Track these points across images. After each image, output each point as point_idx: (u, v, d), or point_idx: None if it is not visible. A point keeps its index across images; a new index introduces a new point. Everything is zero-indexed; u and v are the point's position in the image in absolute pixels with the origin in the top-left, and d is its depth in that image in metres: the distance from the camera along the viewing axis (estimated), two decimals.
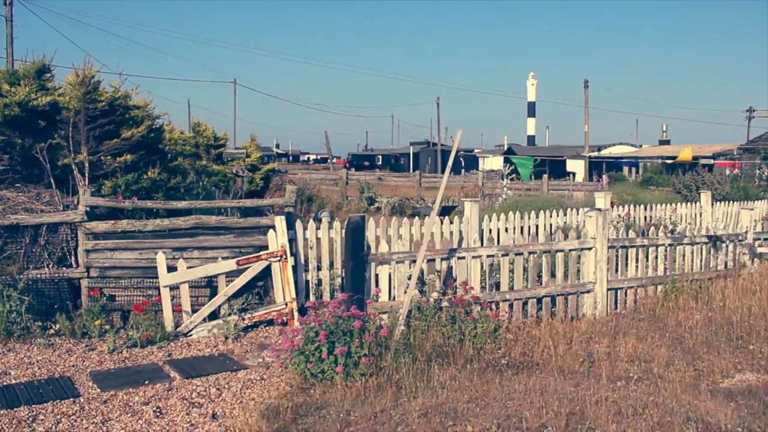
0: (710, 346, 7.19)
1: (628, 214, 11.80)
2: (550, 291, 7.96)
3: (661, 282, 8.82)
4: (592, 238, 8.15)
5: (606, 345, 7.03)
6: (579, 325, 7.75)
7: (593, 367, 6.57)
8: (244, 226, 8.33)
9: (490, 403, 5.51)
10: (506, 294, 7.74)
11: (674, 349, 7.11)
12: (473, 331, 6.75)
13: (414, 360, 6.32)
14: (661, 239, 8.86)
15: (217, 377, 6.61)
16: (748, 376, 6.44)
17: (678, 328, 7.72)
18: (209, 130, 16.41)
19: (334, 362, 6.10)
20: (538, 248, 7.96)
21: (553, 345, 6.96)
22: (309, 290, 8.50)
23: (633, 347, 7.00)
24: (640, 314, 8.24)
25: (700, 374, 6.44)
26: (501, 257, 7.78)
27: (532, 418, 5.13)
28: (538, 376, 6.20)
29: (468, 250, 7.65)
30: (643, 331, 7.65)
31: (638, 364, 6.62)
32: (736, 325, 7.69)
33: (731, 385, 6.18)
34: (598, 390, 5.70)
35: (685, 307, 8.34)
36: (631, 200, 14.14)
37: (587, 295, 8.24)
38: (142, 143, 9.59)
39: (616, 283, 8.47)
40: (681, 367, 6.57)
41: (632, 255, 8.65)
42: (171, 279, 7.79)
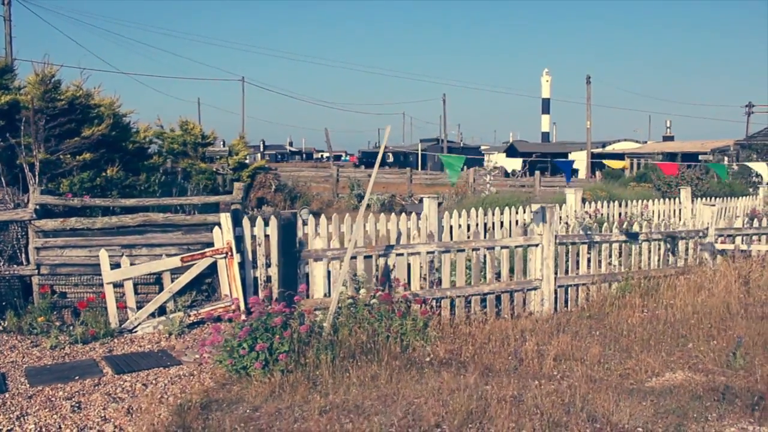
0: (648, 345, 7.08)
1: (597, 210, 11.65)
2: (494, 288, 7.90)
3: (615, 279, 8.70)
4: (539, 234, 8.07)
5: (536, 343, 6.95)
6: (521, 323, 7.68)
7: (522, 366, 6.51)
8: (191, 223, 8.39)
9: (398, 400, 5.49)
10: (447, 291, 7.69)
11: (610, 347, 7.02)
12: (401, 329, 6.73)
13: (336, 357, 6.32)
14: (614, 236, 8.74)
15: (148, 373, 6.66)
16: (678, 374, 6.33)
17: (621, 326, 7.62)
18: (197, 129, 16.50)
19: (255, 358, 6.13)
20: (481, 245, 7.90)
21: (483, 343, 6.91)
22: (258, 287, 8.53)
23: (567, 345, 6.92)
24: (589, 312, 8.15)
25: (628, 372, 6.34)
26: (441, 254, 7.74)
27: (431, 416, 5.11)
28: (460, 374, 6.15)
29: (406, 247, 7.62)
30: (584, 329, 7.56)
31: (566, 363, 6.54)
32: (679, 323, 7.58)
33: (656, 384, 6.07)
34: (509, 388, 5.66)
35: (634, 304, 8.23)
36: (605, 197, 13.96)
37: (534, 293, 8.16)
38: (103, 142, 9.69)
39: (565, 281, 8.38)
40: (610, 366, 6.48)
41: (583, 252, 8.54)
42: (114, 276, 7.88)
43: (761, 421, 5.19)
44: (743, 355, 6.58)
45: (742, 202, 14.94)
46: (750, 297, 8.20)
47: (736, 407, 5.42)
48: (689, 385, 5.96)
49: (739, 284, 8.43)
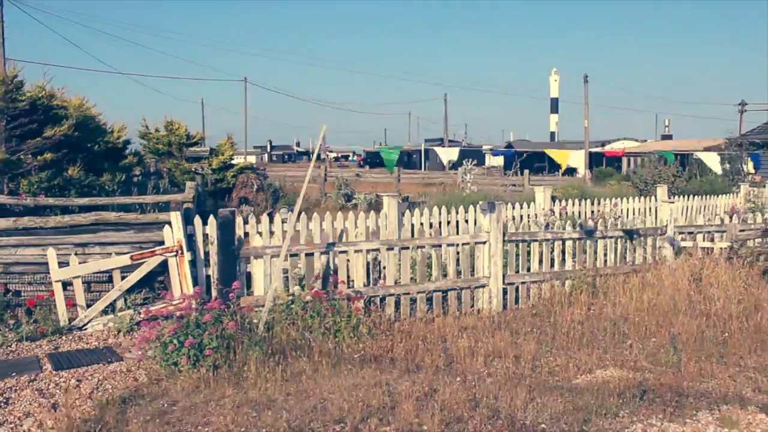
0: (588, 342, 7.04)
1: (563, 208, 11.57)
2: (439, 286, 7.89)
3: (569, 277, 8.65)
4: (486, 232, 8.04)
5: (475, 341, 6.93)
6: (466, 321, 7.66)
7: (454, 363, 6.50)
8: (144, 222, 8.46)
9: (313, 395, 5.52)
10: (391, 289, 7.69)
11: (548, 344, 6.97)
12: (334, 326, 6.75)
13: (265, 353, 6.36)
14: (567, 233, 8.69)
15: (86, 369, 6.71)
16: (609, 372, 6.28)
17: (565, 323, 7.56)
18: (182, 129, 16.65)
19: (184, 354, 6.19)
20: (426, 242, 7.89)
21: (420, 340, 6.91)
22: (210, 285, 8.57)
23: (504, 343, 6.89)
24: (536, 310, 8.12)
25: (558, 370, 6.31)
26: (385, 251, 7.75)
27: (337, 410, 5.13)
28: (385, 370, 6.16)
29: (349, 244, 7.64)
30: (527, 327, 7.52)
31: (498, 360, 6.51)
32: (623, 320, 7.52)
33: (582, 381, 6.03)
34: (424, 384, 5.66)
35: (584, 302, 8.17)
36: (577, 195, 13.86)
37: (482, 290, 8.13)
38: (65, 142, 9.81)
39: (515, 278, 8.34)
40: (542, 363, 6.45)
41: (535, 249, 8.50)
42: (62, 274, 7.96)
43: (672, 418, 5.15)
44: (677, 353, 6.53)
45: (722, 199, 14.78)
46: (700, 294, 8.09)
47: (653, 404, 5.39)
48: (616, 382, 5.91)
49: (690, 282, 8.34)
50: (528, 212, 11.45)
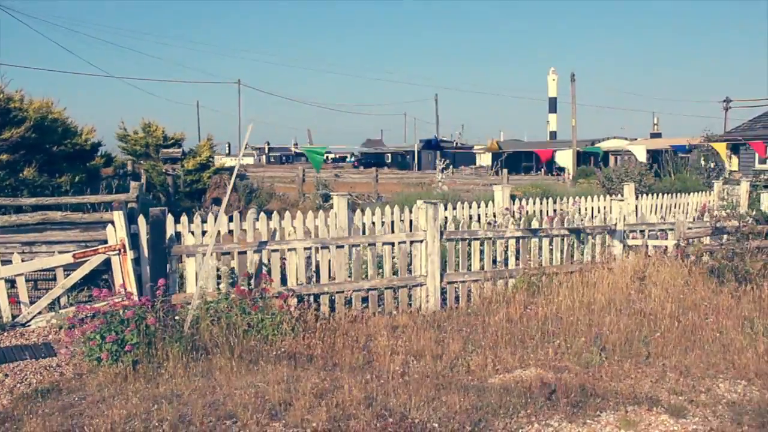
0: (516, 341, 7.01)
1: (521, 207, 11.56)
2: (375, 284, 7.91)
3: (511, 276, 8.65)
4: (423, 230, 8.06)
5: (406, 339, 6.95)
6: (399, 320, 7.67)
7: (374, 362, 6.52)
8: (89, 221, 8.53)
9: (219, 391, 5.56)
10: (325, 287, 7.72)
11: (476, 343, 6.96)
12: (259, 323, 6.80)
13: (187, 350, 6.42)
14: (509, 232, 8.69)
15: (18, 364, 6.76)
16: (528, 371, 6.26)
17: (499, 322, 7.55)
18: (159, 130, 16.76)
19: (107, 350, 6.28)
20: (360, 241, 7.92)
21: (346, 339, 6.94)
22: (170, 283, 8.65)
23: (429, 342, 6.87)
24: (471, 309, 8.12)
25: (476, 369, 6.29)
26: (320, 249, 7.79)
27: (232, 405, 5.19)
28: (303, 368, 6.19)
29: (281, 243, 7.68)
30: (459, 326, 7.52)
31: (419, 360, 6.52)
32: (556, 319, 7.51)
33: (498, 381, 6.01)
34: (327, 381, 5.70)
35: (523, 301, 8.16)
36: (538, 193, 13.82)
37: (419, 289, 8.15)
38: (22, 143, 9.91)
39: (455, 277, 8.34)
40: (462, 362, 6.43)
41: (475, 248, 8.51)
42: (6, 272, 8.04)
43: (573, 418, 5.12)
44: (604, 352, 6.51)
45: (695, 197, 14.70)
46: (640, 293, 8.07)
47: (558, 404, 5.35)
48: (531, 381, 5.89)
49: (633, 280, 8.32)
50: (486, 211, 11.45)
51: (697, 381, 5.94)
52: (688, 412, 5.25)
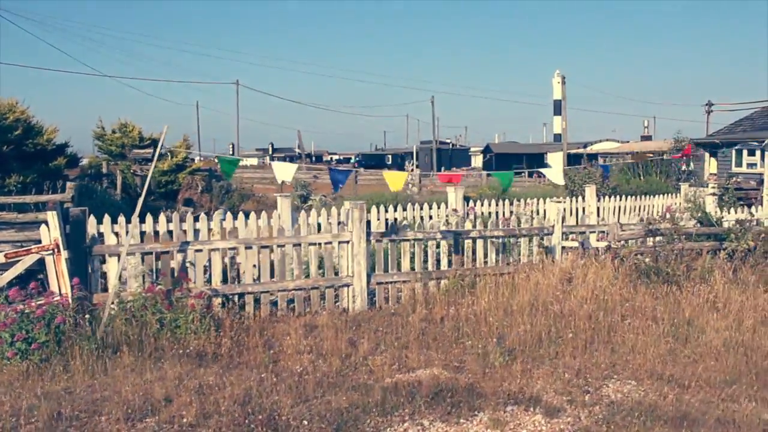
0: (430, 342, 7.06)
1: (471, 208, 11.57)
2: (300, 285, 7.97)
3: (443, 277, 8.67)
4: (349, 231, 8.12)
5: (306, 339, 7.01)
6: (320, 320, 7.71)
7: (280, 361, 6.58)
8: (24, 222, 8.68)
9: (109, 388, 5.66)
10: (249, 287, 7.80)
11: (388, 344, 7.00)
12: (173, 322, 6.88)
13: (98, 348, 6.51)
14: (440, 233, 8.71)
15: None
16: (431, 371, 6.28)
17: (420, 323, 7.60)
18: (135, 131, 16.93)
19: (15, 348, 6.39)
20: (286, 241, 7.99)
21: (254, 338, 7.00)
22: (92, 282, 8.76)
23: (340, 342, 6.92)
24: (396, 309, 8.15)
25: (377, 368, 6.32)
26: (244, 250, 7.86)
27: (104, 401, 5.30)
28: (206, 366, 6.27)
29: (204, 243, 7.76)
30: (378, 326, 7.57)
31: (325, 359, 6.58)
32: (474, 321, 7.53)
33: (395, 381, 6.04)
34: (212, 377, 5.81)
35: (452, 302, 8.18)
36: (495, 195, 13.80)
37: (346, 290, 8.20)
38: None
39: (383, 278, 8.39)
40: (368, 362, 6.47)
41: (406, 249, 8.54)
42: None
43: (447, 418, 5.16)
44: (510, 353, 6.52)
45: (660, 199, 14.62)
46: (565, 294, 8.06)
47: (439, 404, 5.40)
48: (426, 381, 5.93)
49: (561, 282, 8.31)
50: (438, 212, 11.47)
51: (590, 381, 5.96)
52: (564, 412, 5.28)
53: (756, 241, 8.83)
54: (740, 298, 7.90)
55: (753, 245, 8.77)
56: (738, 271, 8.62)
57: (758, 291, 8.13)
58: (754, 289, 8.18)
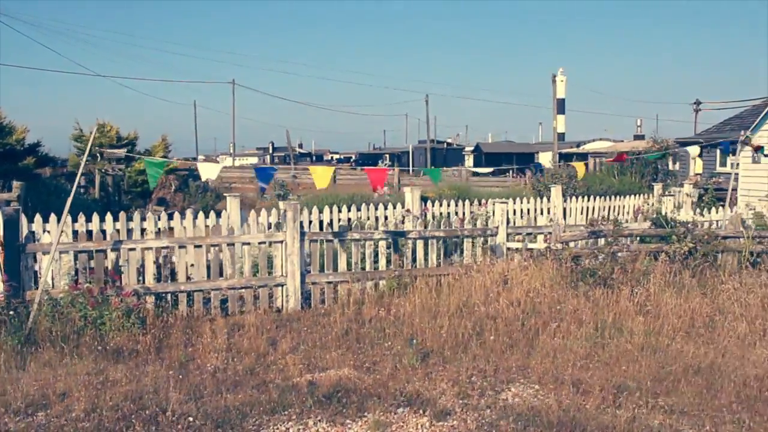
0: (350, 342, 7.10)
1: (426, 209, 11.57)
2: (233, 284, 8.04)
3: (381, 277, 8.70)
4: (283, 231, 8.16)
5: (226, 337, 7.09)
6: (248, 319, 7.76)
7: (196, 359, 6.65)
8: None
9: (16, 381, 5.76)
10: (181, 285, 7.87)
11: (310, 343, 7.04)
12: (99, 319, 6.98)
13: (22, 344, 6.62)
14: (377, 234, 8.74)
15: None
16: (341, 372, 6.30)
17: (347, 323, 7.63)
18: (113, 131, 17.09)
19: None
20: (219, 241, 8.05)
21: (178, 335, 7.09)
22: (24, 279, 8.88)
23: (260, 341, 6.99)
24: (332, 310, 8.19)
25: (289, 368, 6.37)
26: (177, 249, 7.94)
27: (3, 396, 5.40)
28: (123, 362, 6.40)
29: (138, 242, 7.84)
30: (305, 327, 7.61)
31: (241, 358, 6.63)
32: (404, 321, 7.55)
33: (303, 380, 6.07)
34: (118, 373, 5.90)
35: (387, 302, 8.21)
36: (455, 195, 13.78)
37: (280, 289, 8.25)
38: None
39: (318, 278, 8.43)
40: (282, 362, 6.52)
41: (341, 249, 8.57)
42: None
43: (334, 419, 5.19)
44: (415, 355, 6.53)
45: (632, 200, 14.53)
46: (500, 296, 8.05)
47: (330, 405, 5.42)
48: (330, 381, 5.97)
49: (498, 283, 8.31)
50: (394, 213, 11.49)
51: (493, 384, 5.97)
52: (453, 415, 5.30)
53: (697, 243, 8.77)
54: (674, 301, 7.86)
55: (693, 247, 8.71)
56: (678, 273, 8.57)
57: (693, 294, 8.08)
58: (690, 291, 8.13)
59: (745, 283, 8.53)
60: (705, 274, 8.68)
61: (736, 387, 5.74)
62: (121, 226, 8.15)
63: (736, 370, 6.08)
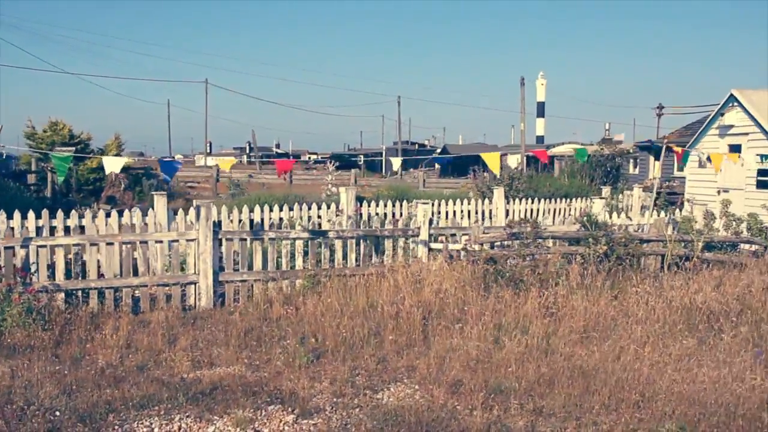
0: (252, 340, 7.15)
1: (358, 209, 11.62)
2: (144, 281, 8.06)
3: (297, 277, 8.73)
4: (196, 230, 8.19)
5: (132, 333, 7.13)
6: (156, 317, 7.78)
7: (92, 355, 6.68)
8: None
9: None
10: (92, 282, 7.89)
11: (209, 342, 7.09)
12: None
13: None
14: (294, 233, 8.78)
15: None
16: (231, 369, 6.35)
17: (254, 322, 7.68)
18: (66, 129, 17.04)
19: None
20: (130, 238, 8.07)
21: (72, 333, 7.11)
22: None
23: (160, 339, 7.02)
24: (245, 308, 8.22)
25: (181, 365, 6.39)
26: (89, 246, 7.94)
27: None
28: (18, 358, 6.42)
29: (48, 239, 7.85)
30: (209, 324, 7.67)
31: (135, 354, 6.69)
32: (303, 321, 7.59)
33: (190, 377, 6.12)
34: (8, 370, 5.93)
35: (298, 302, 8.23)
36: (392, 195, 13.84)
37: (193, 287, 8.28)
38: None
39: (234, 276, 8.46)
40: (174, 358, 6.54)
41: (257, 248, 8.61)
42: None
43: (202, 415, 5.23)
44: (307, 354, 6.57)
45: (579, 202, 14.63)
46: (411, 296, 8.10)
47: (203, 401, 5.47)
48: (214, 378, 6.04)
49: (409, 284, 8.35)
50: (328, 213, 11.52)
51: (375, 384, 6.02)
52: (321, 413, 5.35)
53: (613, 246, 8.86)
54: (581, 304, 7.93)
55: (607, 250, 8.80)
56: (593, 276, 8.64)
57: (604, 296, 8.15)
58: (599, 294, 8.20)
59: (660, 286, 8.63)
60: (619, 277, 8.76)
61: (611, 390, 5.80)
62: (29, 224, 8.14)
63: (617, 373, 6.15)
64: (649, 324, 7.48)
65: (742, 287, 8.58)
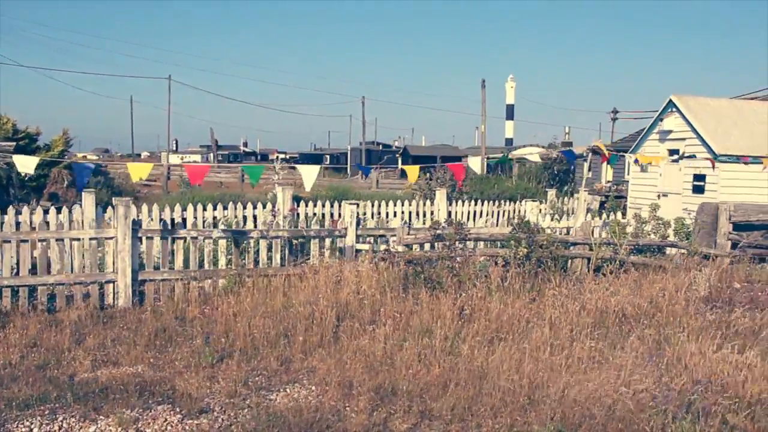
0: (164, 339, 7.17)
1: (293, 209, 11.64)
2: (60, 279, 8.00)
3: (218, 276, 8.73)
4: (114, 228, 8.14)
5: (41, 332, 7.08)
6: (69, 315, 7.72)
7: None
8: None
9: None
10: (4, 280, 7.81)
11: (119, 341, 7.07)
12: None
13: None
14: (216, 232, 8.77)
15: None
16: (135, 368, 6.37)
17: (166, 321, 7.67)
18: (9, 123, 16.77)
19: None
20: (47, 236, 8.00)
21: None
22: None
23: (66, 338, 6.99)
24: (163, 308, 8.20)
25: (84, 364, 6.37)
26: (2, 243, 7.86)
27: None
28: None
29: None
30: (125, 324, 7.64)
31: (39, 353, 6.65)
32: (218, 321, 7.60)
33: (88, 376, 6.13)
34: None
35: (217, 302, 8.24)
36: (331, 196, 13.90)
37: (111, 286, 8.23)
38: None
39: (154, 275, 8.43)
40: (78, 357, 6.53)
41: (179, 247, 8.59)
42: None
43: (87, 414, 5.23)
44: (212, 354, 6.58)
45: (523, 205, 14.78)
46: (328, 296, 8.13)
47: (92, 401, 5.47)
48: (112, 378, 6.04)
49: (329, 284, 8.39)
50: (263, 212, 11.52)
51: (272, 385, 6.07)
52: (209, 414, 5.37)
53: (534, 248, 8.98)
54: (497, 306, 8.01)
55: (528, 252, 8.91)
56: (513, 278, 8.75)
57: (520, 298, 8.25)
58: (517, 296, 8.30)
59: (581, 289, 8.76)
60: (540, 279, 8.88)
61: (503, 393, 5.87)
62: None
63: (512, 376, 6.23)
64: (561, 327, 7.60)
65: (657, 290, 8.77)
